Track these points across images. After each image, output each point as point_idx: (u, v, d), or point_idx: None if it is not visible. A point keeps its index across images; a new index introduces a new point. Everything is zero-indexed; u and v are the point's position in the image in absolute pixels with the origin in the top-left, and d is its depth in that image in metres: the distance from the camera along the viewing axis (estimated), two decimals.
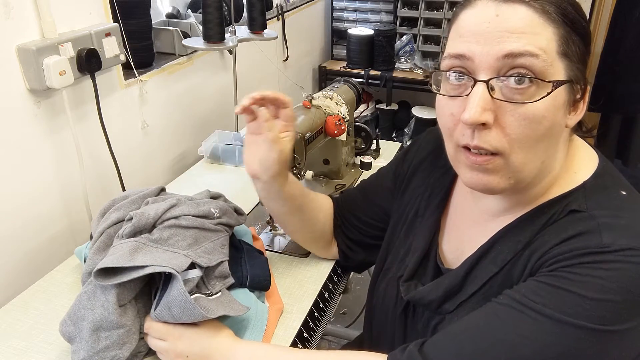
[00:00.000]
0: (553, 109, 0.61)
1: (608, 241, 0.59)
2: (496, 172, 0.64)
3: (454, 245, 0.80)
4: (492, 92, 0.61)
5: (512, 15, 0.60)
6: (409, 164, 0.91)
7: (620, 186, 0.67)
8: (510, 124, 0.61)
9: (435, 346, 0.66)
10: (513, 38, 0.59)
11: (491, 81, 0.61)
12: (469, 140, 0.63)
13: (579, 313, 0.58)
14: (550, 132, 0.62)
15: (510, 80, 0.60)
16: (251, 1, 1.57)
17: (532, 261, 0.65)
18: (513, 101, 0.60)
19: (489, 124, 0.61)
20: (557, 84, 0.60)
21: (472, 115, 0.60)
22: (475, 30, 0.61)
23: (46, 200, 1.17)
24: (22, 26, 1.04)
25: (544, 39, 0.60)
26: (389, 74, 2.77)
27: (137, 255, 0.80)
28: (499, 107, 0.61)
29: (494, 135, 0.62)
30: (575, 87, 0.63)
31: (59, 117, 1.15)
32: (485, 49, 0.60)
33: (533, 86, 0.60)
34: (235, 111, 0.80)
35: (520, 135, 0.61)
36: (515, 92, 0.60)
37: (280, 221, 1.00)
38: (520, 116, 0.60)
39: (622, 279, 0.57)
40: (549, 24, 0.60)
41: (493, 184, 0.65)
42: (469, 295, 0.71)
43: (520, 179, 0.65)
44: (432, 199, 0.85)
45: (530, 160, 0.64)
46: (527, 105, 0.60)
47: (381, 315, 0.87)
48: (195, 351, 0.78)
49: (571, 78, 0.62)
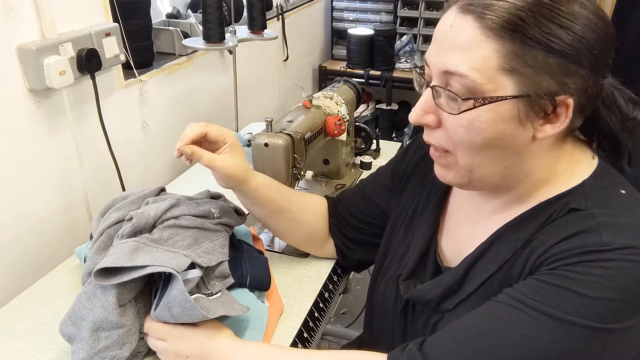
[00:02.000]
0: (492, 122, 0.62)
1: (608, 240, 0.60)
2: (449, 168, 0.70)
3: (453, 244, 0.80)
4: (438, 97, 0.65)
5: (460, 29, 0.62)
6: (407, 163, 0.92)
7: (620, 185, 0.67)
8: (450, 129, 0.66)
9: (435, 345, 0.66)
10: (454, 53, 0.62)
11: (437, 88, 0.65)
12: (424, 134, 0.71)
13: (578, 311, 0.58)
14: (498, 143, 0.64)
15: (444, 92, 0.64)
16: (251, 1, 1.57)
17: (531, 260, 0.65)
18: (447, 110, 0.64)
19: (431, 125, 0.68)
20: (483, 100, 0.61)
21: (414, 117, 0.68)
22: (436, 37, 0.66)
23: (46, 200, 1.17)
24: (22, 26, 1.04)
25: (480, 57, 0.60)
26: (389, 74, 2.77)
27: (137, 255, 0.80)
28: (442, 112, 0.66)
29: (440, 135, 0.68)
30: (539, 101, 0.61)
31: (59, 117, 1.15)
32: (435, 60, 0.65)
33: (463, 102, 0.62)
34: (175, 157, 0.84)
35: (459, 140, 0.65)
36: (451, 102, 0.64)
37: (265, 225, 1.03)
38: (455, 124, 0.65)
39: (622, 277, 0.58)
40: (492, 39, 0.60)
41: (448, 178, 0.72)
42: (468, 294, 0.71)
43: (478, 179, 0.68)
44: (431, 197, 0.85)
45: (480, 163, 0.66)
46: (459, 116, 0.63)
47: (381, 314, 0.87)
48: (195, 351, 0.78)
49: (524, 93, 0.60)
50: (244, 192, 0.92)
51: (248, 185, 0.91)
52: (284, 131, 1.09)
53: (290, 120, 1.15)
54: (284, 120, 1.15)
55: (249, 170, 0.91)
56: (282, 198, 0.96)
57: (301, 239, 1.04)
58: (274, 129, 1.08)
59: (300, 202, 1.00)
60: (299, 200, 1.00)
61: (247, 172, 0.90)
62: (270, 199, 0.95)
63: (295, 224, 1.00)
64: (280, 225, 1.00)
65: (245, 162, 0.91)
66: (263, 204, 0.95)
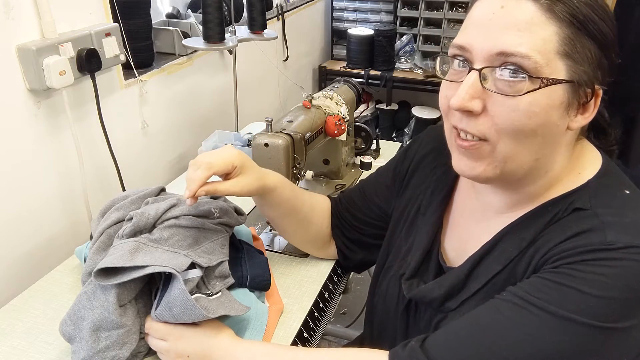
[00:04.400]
0: (546, 106, 0.61)
1: (612, 239, 0.60)
2: (482, 158, 0.66)
3: (456, 243, 0.80)
4: (485, 81, 0.62)
5: (515, 8, 0.60)
6: (409, 162, 0.92)
7: (624, 185, 0.68)
8: (499, 114, 0.62)
9: (437, 342, 0.66)
10: (510, 34, 0.60)
11: (485, 71, 0.62)
12: (458, 122, 0.66)
13: (581, 310, 0.58)
14: (543, 130, 0.62)
15: (503, 72, 0.61)
16: (251, 1, 1.57)
17: (535, 258, 0.65)
18: (501, 93, 0.61)
19: (475, 111, 0.63)
20: (547, 81, 0.60)
21: (459, 101, 0.63)
22: (480, 21, 0.63)
23: (46, 200, 1.16)
24: (22, 26, 1.04)
25: (541, 38, 0.59)
26: (389, 74, 2.77)
27: (137, 255, 0.80)
28: (490, 97, 0.62)
29: (481, 122, 0.64)
30: (581, 89, 0.62)
31: (59, 117, 1.15)
32: (483, 43, 0.62)
33: (525, 82, 0.60)
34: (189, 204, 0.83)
35: (508, 126, 0.62)
36: (506, 85, 0.61)
37: (275, 225, 1.02)
38: (508, 108, 0.61)
39: (625, 276, 0.58)
40: (552, 22, 0.60)
41: (478, 170, 0.67)
42: (472, 293, 0.71)
43: (508, 171, 0.66)
44: (434, 196, 0.85)
45: (518, 153, 0.64)
46: (516, 98, 0.60)
47: (383, 314, 0.87)
48: (195, 351, 0.78)
49: (573, 79, 0.61)
50: (262, 196, 0.91)
51: (265, 190, 0.90)
52: (284, 131, 1.09)
53: (290, 120, 1.15)
54: (284, 120, 1.15)
55: (263, 177, 0.89)
56: (295, 197, 0.96)
57: (307, 240, 1.03)
58: (274, 129, 1.08)
59: (310, 201, 1.00)
60: (309, 200, 1.00)
61: (262, 180, 0.89)
62: (284, 199, 0.94)
63: (305, 224, 0.99)
64: (289, 225, 0.99)
65: (258, 171, 0.89)
66: (278, 204, 0.94)
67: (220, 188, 0.83)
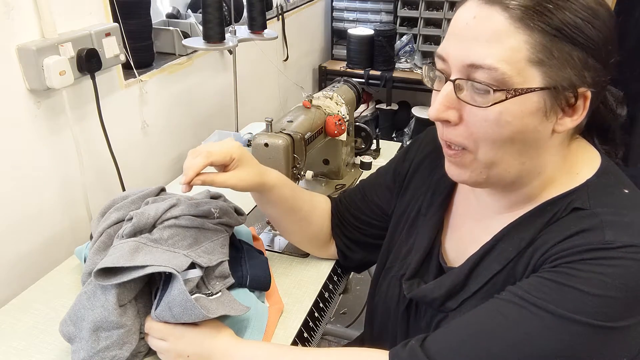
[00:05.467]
0: (519, 114, 0.61)
1: (611, 238, 0.60)
2: (466, 166, 0.68)
3: (456, 244, 0.80)
4: (460, 92, 0.64)
5: (485, 19, 0.61)
6: (409, 163, 0.92)
7: (623, 185, 0.68)
8: (473, 124, 0.64)
9: (437, 341, 0.66)
10: (479, 45, 0.61)
11: (460, 82, 0.63)
12: (441, 134, 0.69)
13: (580, 309, 0.58)
14: (522, 136, 0.63)
15: (474, 84, 0.62)
16: (251, 1, 1.57)
17: (535, 258, 0.65)
18: (473, 104, 0.62)
19: (452, 121, 0.65)
20: (515, 92, 0.60)
21: (434, 112, 0.65)
22: (455, 31, 0.64)
23: (46, 201, 1.16)
24: (22, 26, 1.04)
25: (509, 48, 0.59)
26: (389, 74, 2.77)
27: (137, 255, 0.80)
28: (465, 107, 0.64)
29: (460, 132, 0.66)
30: (562, 94, 0.62)
31: (59, 117, 1.15)
32: (456, 53, 0.63)
33: (494, 94, 0.61)
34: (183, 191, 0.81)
35: (483, 135, 0.64)
36: (477, 95, 0.62)
37: (275, 223, 1.02)
38: (481, 118, 0.63)
39: (624, 275, 0.58)
40: (522, 31, 0.59)
41: (464, 176, 0.69)
42: (472, 293, 0.71)
43: (495, 175, 0.67)
44: (435, 197, 0.85)
45: (500, 158, 0.65)
46: (487, 110, 0.61)
47: (383, 314, 0.87)
48: (196, 351, 0.78)
49: (550, 86, 0.61)
50: (261, 193, 0.92)
51: (265, 187, 0.90)
52: (284, 131, 1.09)
53: (290, 120, 1.15)
54: (284, 120, 1.15)
55: (262, 174, 0.89)
56: (295, 196, 0.96)
57: (308, 239, 1.03)
58: (274, 129, 1.08)
59: (310, 201, 1.00)
60: (310, 199, 1.00)
61: (261, 176, 0.88)
62: (284, 198, 0.94)
63: (305, 223, 0.99)
64: (290, 224, 0.99)
65: (257, 167, 0.89)
66: (278, 202, 0.94)
67: (217, 179, 0.83)
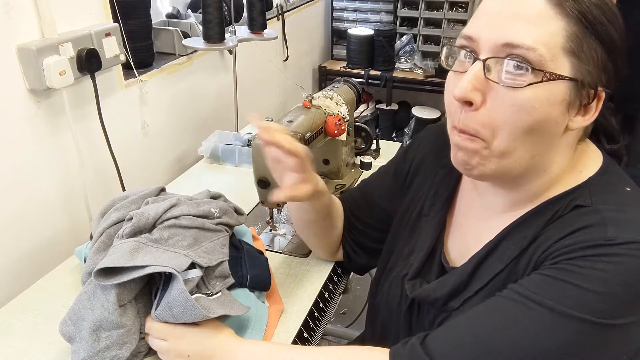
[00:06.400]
0: (546, 102, 0.60)
1: (613, 234, 0.59)
2: (476, 153, 0.65)
3: (459, 244, 0.80)
4: (489, 73, 0.62)
5: (525, 1, 0.60)
6: (410, 162, 0.91)
7: (625, 183, 0.68)
8: (498, 109, 0.62)
9: (437, 339, 0.66)
10: (517, 26, 0.59)
11: (489, 62, 0.61)
12: (456, 122, 0.65)
13: (580, 306, 0.58)
14: (542, 127, 0.62)
15: (507, 64, 0.60)
16: (251, 1, 1.57)
17: (536, 255, 0.65)
18: (504, 84, 0.60)
19: (475, 103, 0.62)
20: (550, 75, 0.59)
21: (461, 91, 0.62)
22: (489, 12, 0.62)
23: (46, 200, 1.16)
24: (22, 26, 1.04)
25: (548, 32, 0.59)
26: (389, 74, 2.77)
27: (137, 255, 0.80)
28: (491, 89, 0.62)
29: (479, 118, 0.63)
30: (584, 89, 0.62)
31: (59, 117, 1.15)
32: (490, 34, 0.61)
33: (528, 74, 0.59)
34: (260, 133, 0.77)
35: (506, 122, 0.61)
36: (508, 77, 0.60)
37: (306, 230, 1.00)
38: (509, 101, 0.61)
39: (625, 272, 0.57)
40: (560, 17, 0.59)
41: (472, 163, 0.66)
42: (474, 292, 0.71)
43: (504, 167, 0.65)
44: (437, 197, 0.85)
45: (514, 149, 0.63)
46: (517, 92, 0.60)
47: (385, 314, 0.87)
48: (196, 351, 0.78)
49: (577, 78, 0.61)
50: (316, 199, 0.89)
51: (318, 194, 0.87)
52: None
53: (290, 120, 1.14)
54: (284, 120, 1.15)
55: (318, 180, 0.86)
56: (331, 202, 0.95)
57: (329, 244, 1.02)
58: None
59: (337, 205, 0.98)
60: (335, 202, 0.98)
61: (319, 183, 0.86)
62: (326, 204, 0.92)
63: (333, 228, 0.98)
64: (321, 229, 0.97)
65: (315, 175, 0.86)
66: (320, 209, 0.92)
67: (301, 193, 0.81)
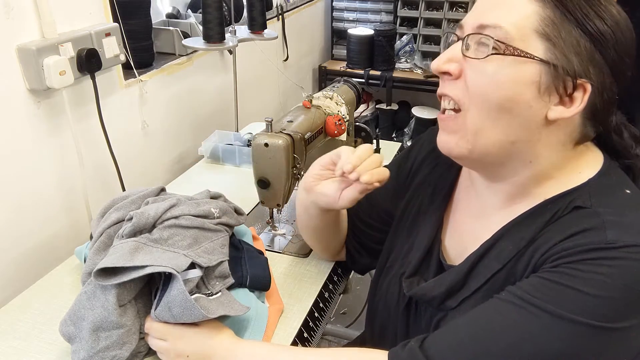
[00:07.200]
0: (514, 77, 0.63)
1: (613, 238, 0.59)
2: (455, 132, 0.69)
3: (456, 242, 0.80)
4: (467, 50, 0.66)
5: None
6: (412, 162, 0.92)
7: (625, 185, 0.67)
8: (471, 79, 0.66)
9: (436, 342, 0.66)
10: (494, 10, 0.65)
11: (468, 41, 0.66)
12: (440, 89, 0.71)
13: (581, 310, 0.58)
14: (512, 106, 0.64)
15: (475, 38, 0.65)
16: (251, 1, 1.57)
17: (535, 257, 0.65)
18: (472, 56, 0.65)
19: (452, 73, 0.68)
20: (513, 50, 0.62)
21: (436, 63, 0.69)
22: (475, 2, 0.69)
23: (46, 200, 1.17)
24: (22, 26, 1.04)
25: (520, 15, 0.63)
26: (389, 74, 2.77)
27: (137, 255, 0.80)
28: (468, 62, 0.66)
29: (459, 86, 0.68)
30: (561, 76, 0.62)
31: (59, 117, 1.15)
32: (472, 19, 0.67)
33: (490, 48, 0.63)
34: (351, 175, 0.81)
35: (477, 90, 0.66)
36: (477, 51, 0.65)
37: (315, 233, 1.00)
38: (479, 73, 0.65)
39: (625, 276, 0.57)
40: (535, 2, 0.63)
41: (451, 143, 0.70)
42: (471, 292, 0.71)
43: (480, 147, 0.68)
44: (435, 195, 0.85)
45: (488, 126, 0.66)
46: (484, 64, 0.64)
47: (384, 313, 0.87)
48: (196, 351, 0.78)
49: (550, 61, 0.62)
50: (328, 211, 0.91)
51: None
52: (284, 131, 1.09)
53: (290, 120, 1.14)
54: (284, 120, 1.15)
55: None
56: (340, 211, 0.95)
57: (334, 246, 1.02)
58: (274, 129, 1.08)
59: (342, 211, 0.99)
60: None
61: None
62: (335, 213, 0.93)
63: (341, 231, 0.99)
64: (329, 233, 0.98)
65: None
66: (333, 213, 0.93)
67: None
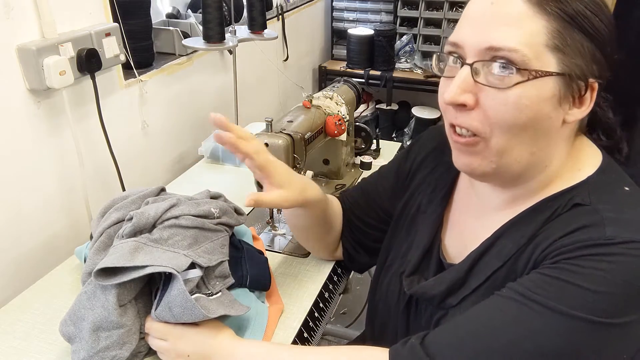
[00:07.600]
0: (536, 99, 0.62)
1: (612, 234, 0.60)
2: (477, 154, 0.67)
3: (456, 240, 0.80)
4: (477, 76, 0.64)
5: (504, 4, 0.62)
6: (411, 162, 0.92)
7: (624, 182, 0.68)
8: (490, 108, 0.63)
9: (437, 339, 0.66)
10: (499, 29, 0.62)
11: (476, 65, 0.63)
12: (453, 119, 0.67)
13: (581, 305, 0.58)
14: (535, 123, 0.63)
15: (493, 66, 0.62)
16: (251, 1, 1.57)
17: (535, 254, 0.65)
18: (492, 86, 0.62)
19: (468, 105, 0.64)
20: (536, 73, 0.61)
21: (451, 95, 0.64)
22: (471, 17, 0.65)
23: (46, 201, 1.16)
24: (22, 26, 1.04)
25: (529, 32, 0.61)
26: (389, 74, 2.77)
27: (137, 255, 0.80)
28: (482, 90, 0.64)
29: (474, 116, 0.65)
30: (574, 82, 0.63)
31: (59, 117, 1.15)
32: (473, 38, 0.64)
33: (514, 74, 0.61)
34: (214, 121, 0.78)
35: (500, 120, 0.63)
36: (496, 78, 0.62)
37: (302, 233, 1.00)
38: (499, 101, 0.62)
39: (625, 271, 0.58)
40: (541, 16, 0.61)
41: (474, 165, 0.68)
42: (472, 290, 0.71)
43: (504, 165, 0.67)
44: (435, 194, 0.85)
45: (513, 147, 0.65)
46: (507, 92, 0.62)
47: (384, 311, 0.87)
48: (196, 350, 0.78)
49: (565, 72, 0.62)
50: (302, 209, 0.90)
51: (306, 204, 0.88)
52: (284, 131, 1.09)
53: (290, 120, 1.15)
54: (284, 120, 1.15)
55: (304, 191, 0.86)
56: (327, 207, 0.95)
57: (326, 245, 1.02)
58: (274, 129, 1.08)
59: (335, 207, 0.99)
60: (335, 206, 0.99)
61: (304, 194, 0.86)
62: (321, 211, 0.93)
63: (332, 231, 0.99)
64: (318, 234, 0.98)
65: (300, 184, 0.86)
66: (313, 217, 0.93)
67: (264, 199, 0.81)
